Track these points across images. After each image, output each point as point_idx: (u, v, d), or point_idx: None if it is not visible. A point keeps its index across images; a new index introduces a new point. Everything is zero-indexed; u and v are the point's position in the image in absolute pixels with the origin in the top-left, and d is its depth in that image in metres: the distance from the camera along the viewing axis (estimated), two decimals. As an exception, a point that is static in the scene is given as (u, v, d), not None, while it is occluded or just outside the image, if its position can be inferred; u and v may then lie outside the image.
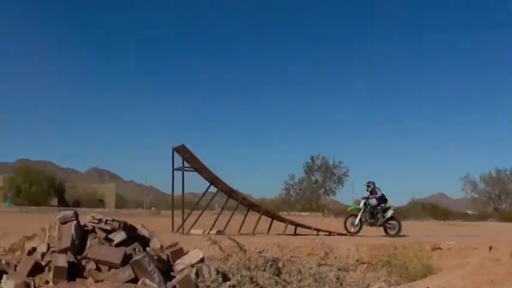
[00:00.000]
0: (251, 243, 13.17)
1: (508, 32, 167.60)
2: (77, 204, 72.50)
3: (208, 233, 18.55)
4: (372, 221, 21.94)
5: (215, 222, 20.85)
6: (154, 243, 10.63)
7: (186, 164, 20.67)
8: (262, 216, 21.52)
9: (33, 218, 31.95)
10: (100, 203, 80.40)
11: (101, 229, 10.14)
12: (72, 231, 9.78)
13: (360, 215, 21.85)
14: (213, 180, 21.05)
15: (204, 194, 22.12)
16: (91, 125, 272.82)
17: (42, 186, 75.02)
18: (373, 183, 22.36)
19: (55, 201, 77.19)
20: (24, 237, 10.93)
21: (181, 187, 20.99)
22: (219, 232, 19.16)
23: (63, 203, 75.57)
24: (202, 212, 21.31)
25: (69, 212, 10.25)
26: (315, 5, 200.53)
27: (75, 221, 9.99)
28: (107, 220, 10.21)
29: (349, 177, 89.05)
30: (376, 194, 22.16)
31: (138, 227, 10.89)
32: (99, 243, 9.84)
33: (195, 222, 20.34)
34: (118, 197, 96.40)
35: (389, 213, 22.07)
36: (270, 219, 22.23)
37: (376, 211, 21.90)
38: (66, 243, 9.64)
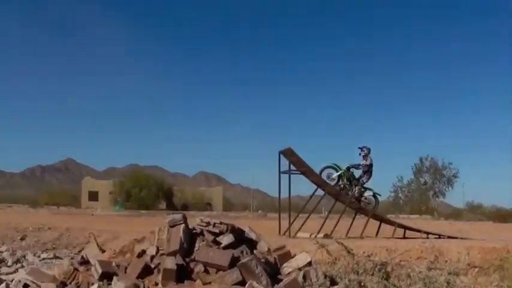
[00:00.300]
0: (359, 247, 12.99)
1: None
2: (185, 207, 73.79)
3: (316, 236, 18.42)
4: (348, 186, 20.99)
5: (322, 225, 20.64)
6: (262, 246, 10.60)
7: (292, 167, 20.56)
8: (370, 220, 21.16)
9: (142, 221, 32.68)
10: (207, 206, 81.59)
11: (209, 232, 10.20)
12: (181, 234, 9.87)
13: (340, 172, 21.07)
14: (320, 183, 20.87)
15: (310, 197, 21.95)
16: (198, 130, 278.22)
17: (151, 191, 76.68)
18: (369, 150, 21.35)
19: (164, 204, 78.88)
20: (134, 240, 11.12)
21: (287, 190, 20.90)
22: (326, 236, 18.95)
23: (171, 206, 77.10)
24: (309, 215, 21.15)
25: (177, 215, 10.36)
26: None
27: (183, 224, 10.08)
28: (214, 223, 10.26)
29: (459, 179, 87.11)
30: (366, 161, 21.10)
31: (246, 229, 10.88)
32: (207, 246, 9.89)
33: (301, 226, 20.21)
34: (225, 200, 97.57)
35: (368, 193, 21.23)
36: (378, 222, 21.85)
37: (355, 183, 21.04)
38: (175, 245, 9.73)
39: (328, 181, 20.95)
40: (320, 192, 21.30)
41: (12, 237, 21.51)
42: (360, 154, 21.28)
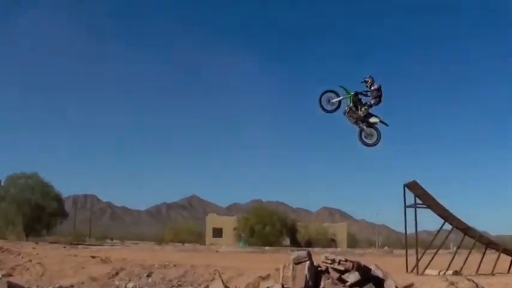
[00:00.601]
0: (490, 284, 12.50)
1: None
2: (309, 244, 73.49)
3: (444, 273, 17.86)
4: (353, 108, 18.92)
5: (451, 261, 20.00)
6: (389, 284, 10.33)
7: (418, 201, 20.09)
8: (502, 255, 20.36)
9: (266, 258, 32.71)
10: (332, 242, 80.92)
11: (334, 269, 10.02)
12: (306, 271, 9.75)
13: (343, 96, 19.10)
14: (447, 217, 20.29)
15: (438, 232, 21.38)
16: (320, 165, 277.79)
17: (275, 227, 76.77)
18: (372, 78, 19.57)
19: (287, 241, 78.80)
20: (258, 277, 11.10)
21: (414, 225, 20.41)
22: (455, 272, 18.35)
23: (295, 242, 76.94)
24: (436, 251, 20.59)
25: (302, 252, 10.25)
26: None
27: (308, 261, 9.95)
28: (340, 260, 10.07)
29: None
30: (374, 86, 18.80)
31: (372, 267, 10.64)
32: (332, 284, 9.72)
33: (429, 262, 19.68)
34: (349, 236, 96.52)
35: (374, 119, 18.96)
36: (510, 258, 20.99)
37: (362, 105, 18.96)
38: (300, 283, 9.62)
39: (327, 106, 19.41)
40: (448, 226, 20.72)
41: (138, 274, 21.98)
42: (366, 86, 19.99)
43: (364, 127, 19.16)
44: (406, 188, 20.22)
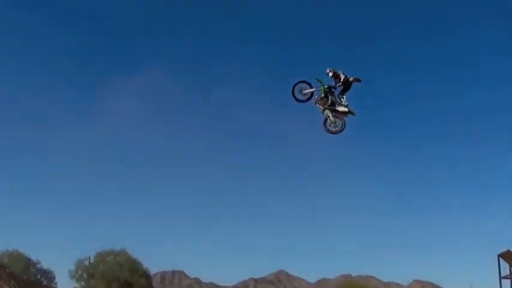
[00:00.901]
0: None
1: None
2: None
3: None
4: (325, 99, 20.68)
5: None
6: None
7: (514, 272, 19.26)
8: None
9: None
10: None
11: None
12: None
13: (316, 88, 20.80)
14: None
15: (536, 304, 20.38)
16: (409, 235, 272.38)
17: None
18: (333, 69, 19.88)
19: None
20: None
21: (511, 297, 19.50)
22: None
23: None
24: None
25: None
26: None
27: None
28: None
29: None
30: (340, 77, 20.58)
31: None
32: None
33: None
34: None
35: (341, 108, 20.43)
36: None
37: (332, 97, 20.61)
38: None
39: (299, 96, 21.06)
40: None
41: None
42: (335, 80, 20.95)
43: (330, 115, 20.55)
44: (500, 257, 19.45)
